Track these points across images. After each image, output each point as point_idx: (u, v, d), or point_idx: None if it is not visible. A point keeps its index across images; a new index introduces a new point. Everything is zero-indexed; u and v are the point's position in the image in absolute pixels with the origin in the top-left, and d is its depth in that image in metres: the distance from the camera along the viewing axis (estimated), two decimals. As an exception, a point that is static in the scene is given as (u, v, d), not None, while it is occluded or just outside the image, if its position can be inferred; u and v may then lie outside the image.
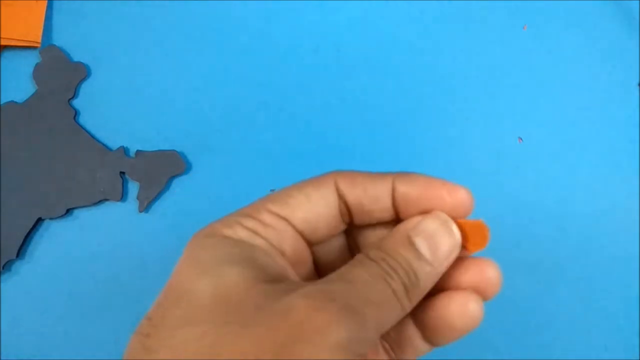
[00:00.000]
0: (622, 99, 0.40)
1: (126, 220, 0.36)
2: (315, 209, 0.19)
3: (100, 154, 0.36)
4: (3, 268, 0.34)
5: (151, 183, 0.36)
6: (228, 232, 0.18)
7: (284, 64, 0.39)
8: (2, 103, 0.36)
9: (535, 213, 0.38)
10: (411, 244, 0.18)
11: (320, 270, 0.21)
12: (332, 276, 0.17)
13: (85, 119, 0.37)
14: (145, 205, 0.35)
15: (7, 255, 0.34)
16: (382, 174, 0.20)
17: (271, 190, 0.36)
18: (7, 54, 0.37)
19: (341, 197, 0.19)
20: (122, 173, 0.36)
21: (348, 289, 0.16)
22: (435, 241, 0.18)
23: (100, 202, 0.35)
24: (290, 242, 0.19)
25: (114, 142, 0.36)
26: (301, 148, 0.37)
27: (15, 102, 0.36)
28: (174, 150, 0.36)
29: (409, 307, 0.18)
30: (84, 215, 0.36)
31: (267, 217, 0.19)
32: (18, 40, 0.36)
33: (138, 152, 0.36)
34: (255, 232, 0.18)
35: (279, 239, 0.19)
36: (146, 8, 0.39)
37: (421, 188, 0.19)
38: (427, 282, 0.18)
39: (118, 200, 0.35)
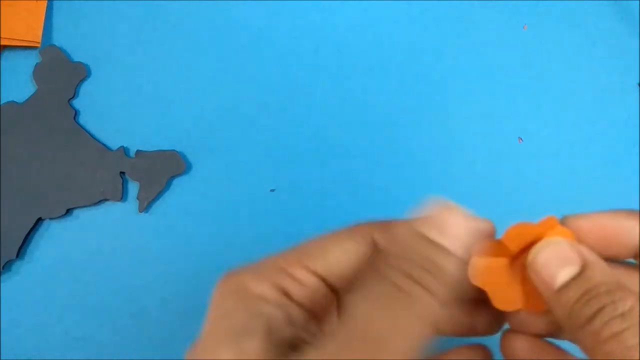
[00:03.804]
0: (622, 99, 0.40)
1: (126, 220, 0.36)
2: (350, 263, 0.19)
3: (100, 154, 0.36)
4: (3, 268, 0.34)
5: (151, 183, 0.36)
6: (257, 289, 0.18)
7: (284, 64, 0.39)
8: (2, 103, 0.36)
9: (535, 213, 0.38)
10: (424, 238, 0.17)
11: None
12: (348, 335, 0.16)
13: (85, 119, 0.37)
14: (145, 205, 0.35)
15: (7, 255, 0.34)
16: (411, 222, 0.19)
17: (271, 191, 0.36)
18: (7, 54, 0.37)
19: (376, 247, 0.19)
20: (122, 173, 0.36)
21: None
22: (445, 226, 0.18)
23: (100, 202, 0.35)
24: (319, 300, 0.19)
25: (114, 142, 0.36)
26: (301, 148, 0.37)
27: (15, 102, 0.36)
28: (174, 150, 0.36)
29: (443, 305, 0.17)
30: (84, 215, 0.36)
31: (302, 275, 0.19)
32: (18, 40, 0.36)
33: (138, 152, 0.36)
34: (287, 293, 0.18)
35: (310, 298, 0.19)
36: (146, 8, 0.39)
37: None
38: (454, 272, 0.17)
39: (118, 200, 0.35)
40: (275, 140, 0.37)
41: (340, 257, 0.19)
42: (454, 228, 0.18)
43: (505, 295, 0.18)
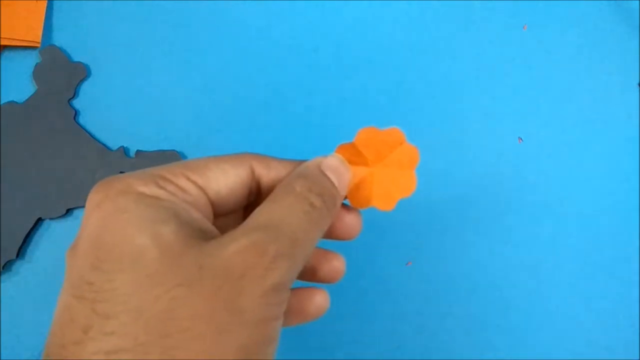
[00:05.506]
0: (622, 99, 0.40)
1: (126, 220, 0.35)
2: (229, 184, 0.20)
3: (100, 154, 0.36)
4: (3, 268, 0.34)
5: (151, 183, 0.36)
6: (144, 189, 0.18)
7: (284, 64, 0.39)
8: (2, 103, 0.36)
9: (536, 213, 0.38)
10: (325, 175, 0.21)
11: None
12: (260, 219, 0.18)
13: (85, 119, 0.37)
14: (145, 205, 0.35)
15: (7, 255, 0.34)
16: (292, 162, 0.22)
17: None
18: (7, 54, 0.37)
19: (255, 179, 0.21)
20: (122, 173, 0.36)
21: (276, 234, 0.18)
22: (339, 173, 0.22)
23: (100, 202, 0.35)
24: (203, 210, 0.20)
25: (114, 142, 0.36)
26: (301, 148, 0.37)
27: (15, 102, 0.36)
28: (174, 150, 0.36)
29: (324, 230, 0.20)
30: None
31: (184, 183, 0.19)
32: (18, 40, 0.37)
33: (138, 152, 0.36)
34: (173, 194, 0.19)
35: (194, 205, 0.19)
36: (146, 8, 0.39)
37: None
38: (338, 208, 0.21)
39: (118, 200, 0.35)
40: (275, 140, 0.37)
41: (219, 176, 0.20)
42: (344, 180, 0.22)
43: (360, 196, 0.23)
